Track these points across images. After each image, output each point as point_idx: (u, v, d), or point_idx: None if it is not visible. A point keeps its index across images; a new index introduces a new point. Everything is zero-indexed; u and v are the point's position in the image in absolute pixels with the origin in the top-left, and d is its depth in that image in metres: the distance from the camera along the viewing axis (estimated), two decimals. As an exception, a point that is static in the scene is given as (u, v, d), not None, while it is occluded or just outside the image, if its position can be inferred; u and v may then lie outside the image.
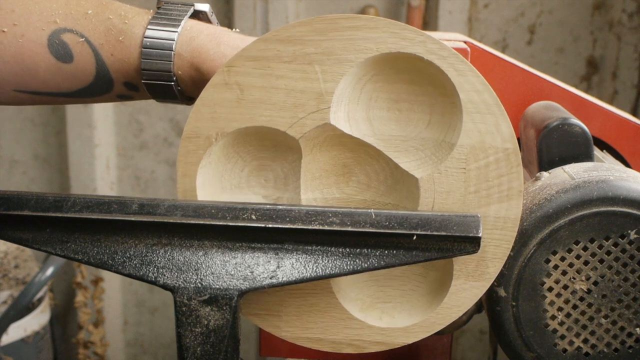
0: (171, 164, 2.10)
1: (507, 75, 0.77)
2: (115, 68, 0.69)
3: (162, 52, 0.67)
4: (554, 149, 0.66)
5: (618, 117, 0.78)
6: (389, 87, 0.60)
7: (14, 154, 2.14)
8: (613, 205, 0.58)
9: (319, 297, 0.60)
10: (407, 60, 0.58)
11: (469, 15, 1.94)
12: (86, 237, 0.56)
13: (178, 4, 0.71)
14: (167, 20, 0.68)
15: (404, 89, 0.60)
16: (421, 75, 0.59)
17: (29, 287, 1.73)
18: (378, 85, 0.60)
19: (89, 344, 2.06)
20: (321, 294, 0.60)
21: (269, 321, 0.61)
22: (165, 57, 0.67)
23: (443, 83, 0.58)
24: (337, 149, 0.61)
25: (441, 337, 0.76)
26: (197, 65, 0.67)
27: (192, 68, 0.67)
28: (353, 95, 0.60)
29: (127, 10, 0.69)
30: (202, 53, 0.67)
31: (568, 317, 0.60)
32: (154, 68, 0.67)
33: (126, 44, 0.67)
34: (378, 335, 0.60)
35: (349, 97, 0.59)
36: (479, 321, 1.83)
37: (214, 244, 0.56)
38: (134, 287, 2.19)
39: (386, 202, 0.61)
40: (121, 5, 0.70)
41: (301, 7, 1.97)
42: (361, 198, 0.62)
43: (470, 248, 0.54)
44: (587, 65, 1.97)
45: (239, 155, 0.61)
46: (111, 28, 0.67)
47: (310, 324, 0.61)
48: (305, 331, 0.61)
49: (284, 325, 0.61)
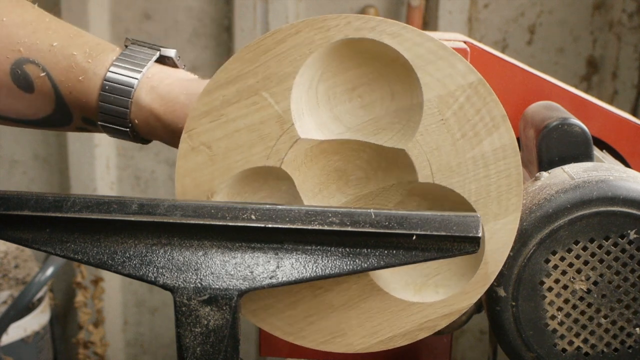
0: (171, 164, 2.10)
1: (507, 75, 0.77)
2: (74, 104, 0.68)
3: (120, 98, 0.66)
4: (554, 149, 0.66)
5: (618, 117, 0.78)
6: (340, 79, 0.60)
7: (14, 154, 2.14)
8: (613, 205, 0.58)
9: (371, 300, 0.60)
10: (342, 47, 0.58)
11: (469, 15, 1.94)
12: (86, 237, 0.56)
13: (145, 46, 0.70)
14: (130, 63, 0.67)
15: (355, 75, 0.60)
16: (363, 54, 0.59)
17: (29, 287, 1.73)
18: (330, 83, 0.60)
19: (89, 344, 2.06)
20: (372, 295, 0.60)
21: (339, 342, 0.61)
22: (123, 104, 0.66)
23: (385, 52, 0.58)
24: (323, 158, 0.61)
25: (441, 337, 0.76)
26: (158, 115, 0.66)
27: (152, 116, 0.67)
28: (310, 102, 0.60)
29: (93, 46, 0.68)
30: (163, 105, 0.66)
31: (568, 317, 0.60)
32: (111, 112, 0.67)
33: (86, 84, 0.67)
34: (442, 308, 0.60)
35: (308, 106, 0.60)
36: (479, 321, 1.83)
37: (214, 244, 0.56)
38: (134, 287, 2.19)
39: (390, 184, 0.61)
40: (89, 40, 0.69)
41: (301, 7, 1.97)
42: (367, 192, 0.62)
43: (470, 248, 0.54)
44: (587, 65, 1.97)
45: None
46: (73, 66, 0.67)
47: (376, 327, 0.60)
48: (374, 337, 0.61)
49: (354, 340, 0.61)
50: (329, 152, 0.60)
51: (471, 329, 2.09)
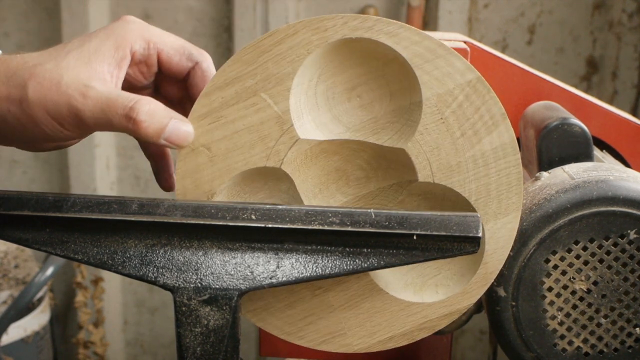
0: (171, 164, 2.10)
1: (507, 75, 0.77)
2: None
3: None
4: (554, 148, 0.66)
5: (618, 117, 0.78)
6: (339, 80, 0.60)
7: (14, 154, 2.14)
8: (612, 205, 0.58)
9: (371, 300, 0.60)
10: (341, 47, 0.58)
11: (469, 15, 1.94)
12: (86, 237, 0.56)
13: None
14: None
15: (353, 74, 0.60)
16: (361, 54, 0.59)
17: (29, 287, 1.73)
18: (329, 83, 0.60)
19: (89, 344, 2.06)
20: (372, 295, 0.60)
21: (338, 342, 0.61)
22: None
23: (383, 51, 0.58)
24: (322, 158, 0.61)
25: (441, 337, 0.76)
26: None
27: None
28: (310, 102, 0.60)
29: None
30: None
31: (568, 316, 0.60)
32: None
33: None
34: (441, 308, 0.60)
35: (308, 106, 0.60)
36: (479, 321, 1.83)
37: (214, 244, 0.56)
38: (134, 287, 2.19)
39: (390, 184, 0.61)
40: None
41: (301, 7, 1.97)
42: (366, 192, 0.62)
43: (469, 248, 0.54)
44: (587, 65, 1.97)
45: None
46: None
47: (375, 327, 0.61)
48: (373, 336, 0.61)
49: (353, 340, 0.61)
50: (329, 152, 0.60)
51: (471, 329, 2.09)
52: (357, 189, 0.62)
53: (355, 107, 0.60)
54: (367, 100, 0.60)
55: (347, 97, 0.60)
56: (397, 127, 0.59)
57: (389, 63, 0.58)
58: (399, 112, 0.59)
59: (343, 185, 0.62)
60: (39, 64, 0.59)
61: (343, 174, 0.62)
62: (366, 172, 0.61)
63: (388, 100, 0.60)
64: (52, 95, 0.58)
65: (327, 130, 0.60)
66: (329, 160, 0.61)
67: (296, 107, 0.59)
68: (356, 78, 0.60)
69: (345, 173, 0.62)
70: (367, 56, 0.59)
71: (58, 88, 0.58)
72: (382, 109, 0.60)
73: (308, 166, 0.60)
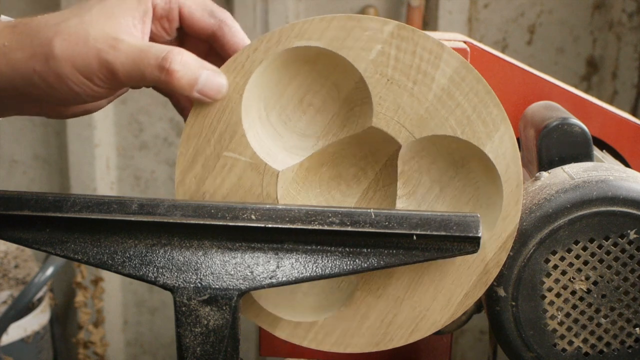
0: (171, 164, 2.11)
1: (507, 75, 0.77)
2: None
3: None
4: (554, 148, 0.66)
5: (618, 117, 0.78)
6: (284, 100, 0.60)
7: (14, 154, 2.14)
8: (612, 205, 0.58)
9: (427, 272, 0.59)
10: (267, 72, 0.58)
11: (469, 15, 1.94)
12: (86, 237, 0.56)
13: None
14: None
15: (294, 88, 0.60)
16: (289, 67, 0.59)
17: (29, 287, 1.73)
18: (277, 108, 0.60)
19: (89, 344, 2.06)
20: (426, 268, 0.60)
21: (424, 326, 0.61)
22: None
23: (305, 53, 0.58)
24: (312, 175, 0.61)
25: (441, 337, 0.76)
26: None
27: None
28: (270, 134, 0.60)
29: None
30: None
31: (567, 316, 0.60)
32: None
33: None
34: (493, 242, 0.59)
35: (271, 139, 0.60)
36: (479, 321, 1.83)
37: (214, 244, 0.56)
38: (134, 287, 2.19)
39: (383, 162, 0.61)
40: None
41: (301, 7, 1.97)
42: (368, 182, 0.62)
43: (470, 248, 0.54)
44: (587, 65, 1.97)
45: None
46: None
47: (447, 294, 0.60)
48: (451, 303, 0.60)
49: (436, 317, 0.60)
50: (314, 166, 0.61)
51: (471, 329, 2.09)
52: (359, 184, 0.62)
53: (313, 115, 0.61)
54: (319, 103, 0.60)
55: (301, 111, 0.60)
56: (357, 111, 0.60)
57: (316, 60, 0.59)
58: (351, 97, 0.60)
59: (345, 188, 0.62)
60: (62, 21, 0.58)
61: (339, 179, 0.62)
62: (357, 165, 0.62)
63: (336, 92, 0.60)
64: (80, 50, 0.56)
65: (301, 150, 0.60)
66: (319, 174, 0.62)
67: (260, 146, 0.59)
68: (298, 90, 0.60)
69: (341, 176, 0.62)
70: (295, 65, 0.59)
71: (86, 42, 0.56)
72: (336, 103, 0.60)
73: (304, 189, 0.61)
